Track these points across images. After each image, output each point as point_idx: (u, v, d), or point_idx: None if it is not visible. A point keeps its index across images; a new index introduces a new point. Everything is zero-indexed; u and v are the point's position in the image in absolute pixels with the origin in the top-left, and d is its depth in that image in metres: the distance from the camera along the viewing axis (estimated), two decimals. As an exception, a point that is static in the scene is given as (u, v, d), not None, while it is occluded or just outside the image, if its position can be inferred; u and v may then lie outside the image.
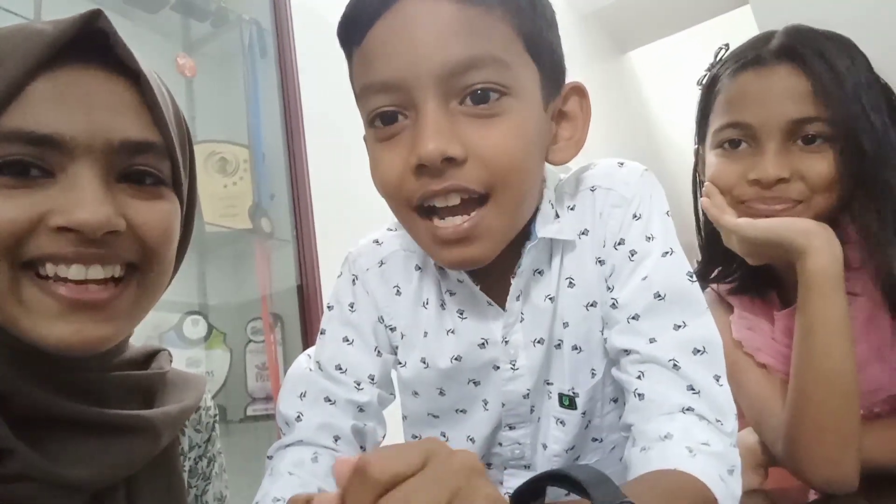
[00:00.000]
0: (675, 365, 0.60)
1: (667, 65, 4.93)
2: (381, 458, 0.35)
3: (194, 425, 0.71)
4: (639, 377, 0.61)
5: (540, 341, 0.69)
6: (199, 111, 1.65)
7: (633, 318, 0.63)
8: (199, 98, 1.66)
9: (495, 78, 0.58)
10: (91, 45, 0.54)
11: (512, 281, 0.67)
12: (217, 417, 0.75)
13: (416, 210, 0.61)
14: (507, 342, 0.69)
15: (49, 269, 0.52)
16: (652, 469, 0.54)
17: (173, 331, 1.46)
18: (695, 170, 1.00)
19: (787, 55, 0.84)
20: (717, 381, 0.60)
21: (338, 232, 1.67)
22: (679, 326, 0.62)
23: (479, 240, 0.60)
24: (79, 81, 0.53)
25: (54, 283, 0.52)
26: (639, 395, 0.61)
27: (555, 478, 0.41)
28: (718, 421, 0.58)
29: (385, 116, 0.60)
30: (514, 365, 0.70)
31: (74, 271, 0.52)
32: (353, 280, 0.76)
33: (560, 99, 0.66)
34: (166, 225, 0.58)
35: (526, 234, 0.67)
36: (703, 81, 0.95)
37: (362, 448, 0.73)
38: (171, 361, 0.68)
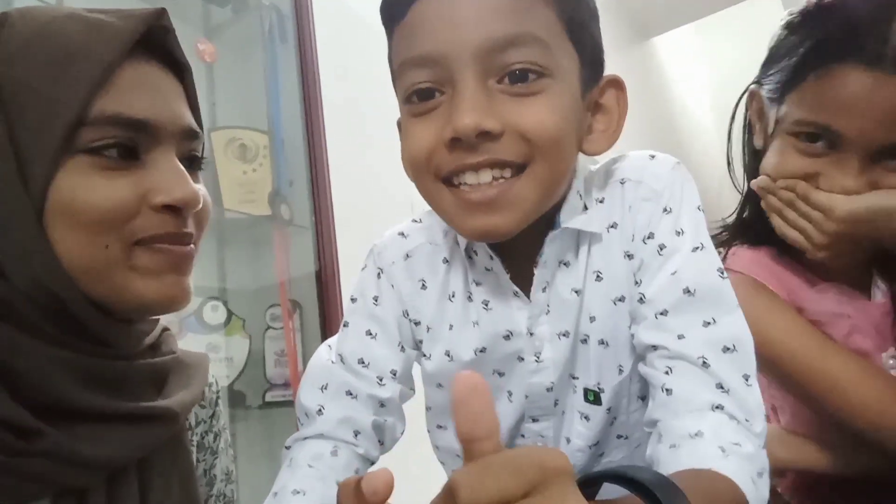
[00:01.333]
0: (704, 363, 0.58)
1: (690, 52, 4.87)
2: (473, 483, 0.32)
3: (199, 401, 0.72)
4: (667, 372, 0.60)
5: (565, 334, 0.68)
6: (218, 97, 1.65)
7: (662, 313, 0.62)
8: (219, 84, 1.67)
9: (535, 58, 0.58)
10: (151, 38, 0.58)
11: (535, 271, 0.67)
12: (220, 393, 0.76)
13: (443, 181, 0.61)
14: (532, 334, 0.69)
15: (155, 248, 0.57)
16: (682, 467, 0.52)
17: (193, 316, 1.47)
18: (746, 109, 0.90)
19: None
20: (747, 380, 0.59)
21: (357, 219, 1.67)
22: (708, 323, 0.60)
23: (505, 208, 0.59)
24: (149, 72, 0.58)
25: (160, 247, 0.57)
26: (666, 390, 0.59)
27: (615, 477, 0.40)
28: (748, 421, 0.57)
29: (422, 93, 0.60)
30: (538, 357, 0.69)
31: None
32: (379, 274, 0.76)
33: (597, 90, 0.66)
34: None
35: (550, 223, 0.66)
36: (788, 23, 0.82)
37: (381, 443, 0.73)
38: (175, 340, 0.70)
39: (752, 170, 0.90)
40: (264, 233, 1.64)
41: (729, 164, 0.94)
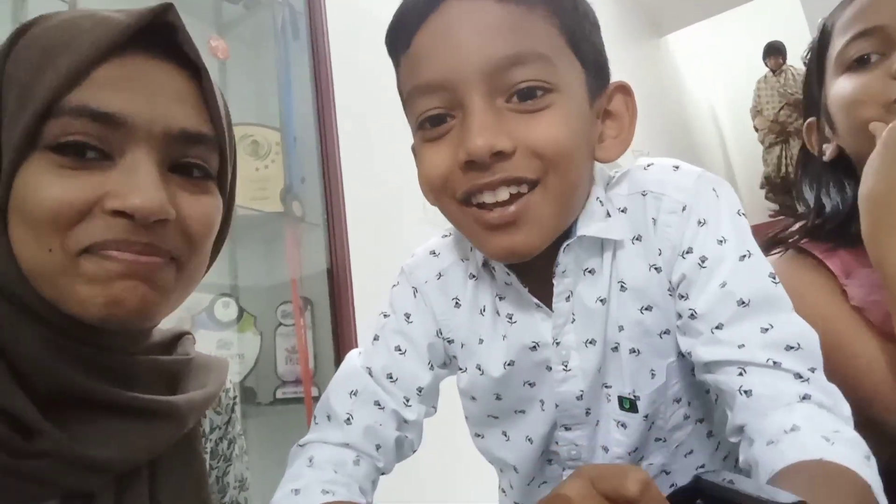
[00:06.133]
0: (773, 363, 0.57)
1: (704, 49, 4.84)
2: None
3: (214, 407, 0.71)
4: (740, 374, 0.58)
5: (592, 342, 0.68)
6: (230, 94, 1.64)
7: (717, 328, 0.60)
8: (231, 80, 1.67)
9: (540, 75, 0.58)
10: (157, 36, 0.55)
11: (554, 282, 0.66)
12: (237, 399, 0.76)
13: (462, 202, 0.61)
14: (558, 343, 0.68)
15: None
16: (787, 463, 0.50)
17: (205, 313, 1.47)
18: (802, 146, 0.88)
19: None
20: (814, 372, 0.57)
21: (369, 216, 1.67)
22: (766, 329, 0.59)
23: (526, 226, 0.59)
24: (144, 69, 0.54)
25: (109, 253, 0.52)
26: (745, 392, 0.57)
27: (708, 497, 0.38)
28: (835, 407, 0.55)
29: (433, 119, 0.61)
30: (566, 366, 0.69)
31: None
32: (414, 292, 0.76)
33: (605, 98, 0.66)
34: (210, 220, 0.59)
35: (568, 232, 0.65)
36: (811, 49, 0.83)
37: (397, 458, 0.74)
38: (194, 344, 0.69)
39: (817, 177, 0.86)
40: (276, 230, 1.64)
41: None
